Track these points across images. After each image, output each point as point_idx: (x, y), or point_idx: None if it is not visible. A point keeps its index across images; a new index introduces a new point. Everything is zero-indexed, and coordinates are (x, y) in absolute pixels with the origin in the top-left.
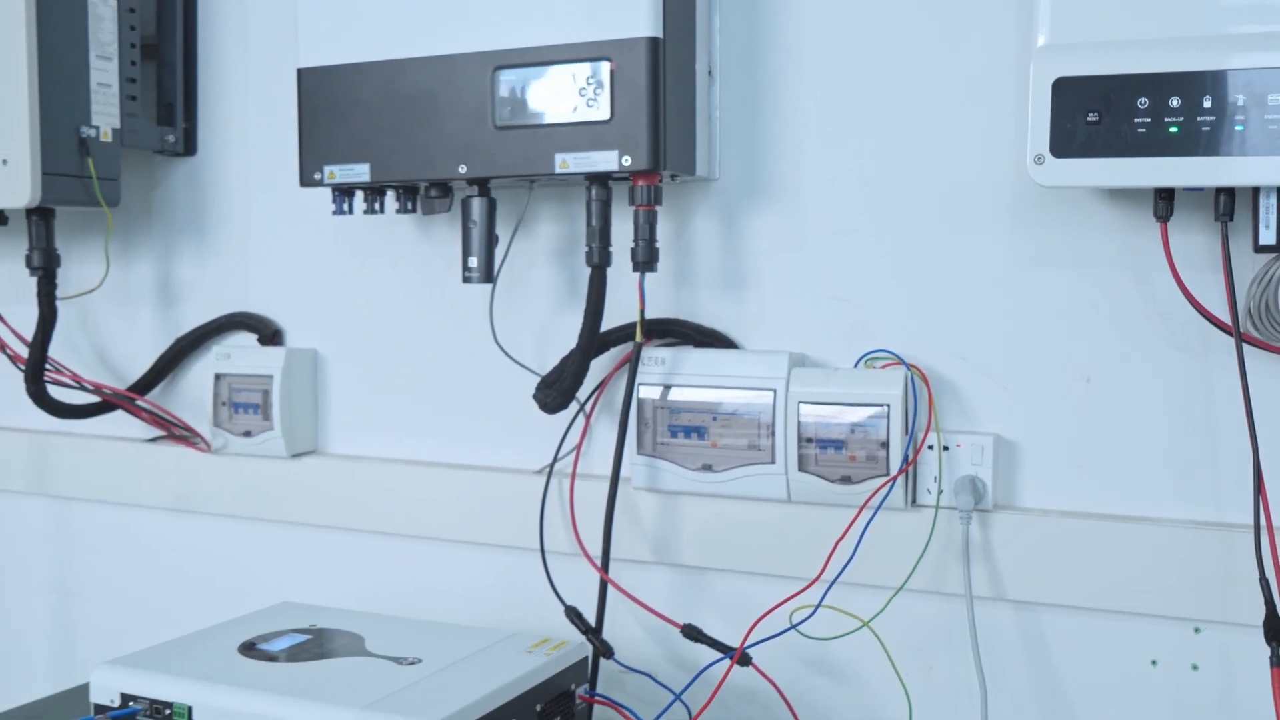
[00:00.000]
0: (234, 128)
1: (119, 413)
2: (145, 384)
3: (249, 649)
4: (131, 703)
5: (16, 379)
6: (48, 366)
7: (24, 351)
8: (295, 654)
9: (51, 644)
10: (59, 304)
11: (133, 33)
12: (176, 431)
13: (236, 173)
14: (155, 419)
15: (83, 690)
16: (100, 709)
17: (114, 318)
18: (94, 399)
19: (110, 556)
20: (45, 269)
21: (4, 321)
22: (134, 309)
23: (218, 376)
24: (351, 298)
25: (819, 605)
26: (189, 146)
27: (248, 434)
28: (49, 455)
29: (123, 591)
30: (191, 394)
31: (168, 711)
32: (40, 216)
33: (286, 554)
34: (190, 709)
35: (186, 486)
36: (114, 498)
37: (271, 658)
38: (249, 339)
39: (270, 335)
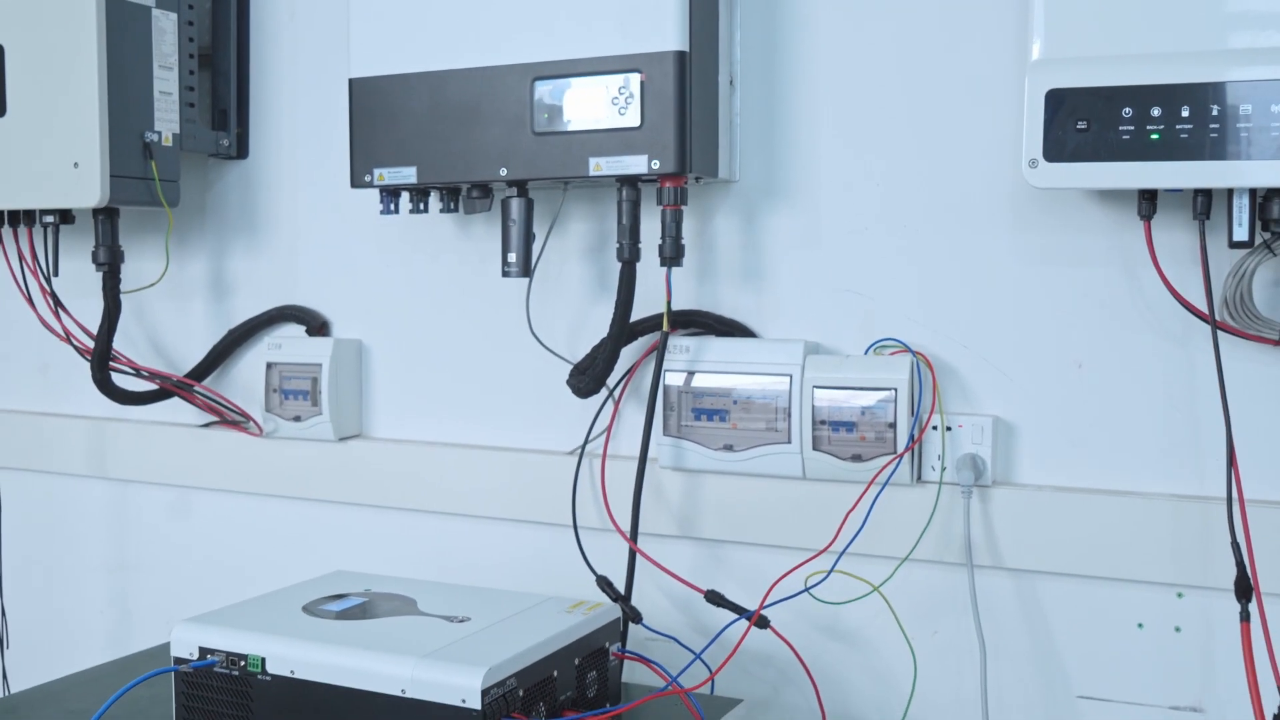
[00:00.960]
0: (283, 132)
1: (174, 400)
2: (199, 373)
3: (311, 609)
4: (209, 655)
5: (76, 370)
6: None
7: (87, 342)
8: (354, 613)
9: (107, 618)
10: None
11: (190, 44)
12: (229, 417)
13: (285, 174)
14: (209, 405)
15: (153, 652)
16: (180, 661)
17: (168, 311)
18: (152, 386)
19: (165, 535)
20: (110, 265)
21: (69, 314)
22: (187, 302)
23: (269, 365)
24: (394, 291)
25: (831, 570)
26: (241, 150)
27: (297, 419)
28: (107, 440)
29: (177, 568)
30: (243, 382)
31: (243, 662)
32: (106, 216)
33: (334, 531)
34: (264, 659)
35: (239, 468)
36: (169, 479)
37: (333, 616)
38: (297, 330)
39: (318, 327)
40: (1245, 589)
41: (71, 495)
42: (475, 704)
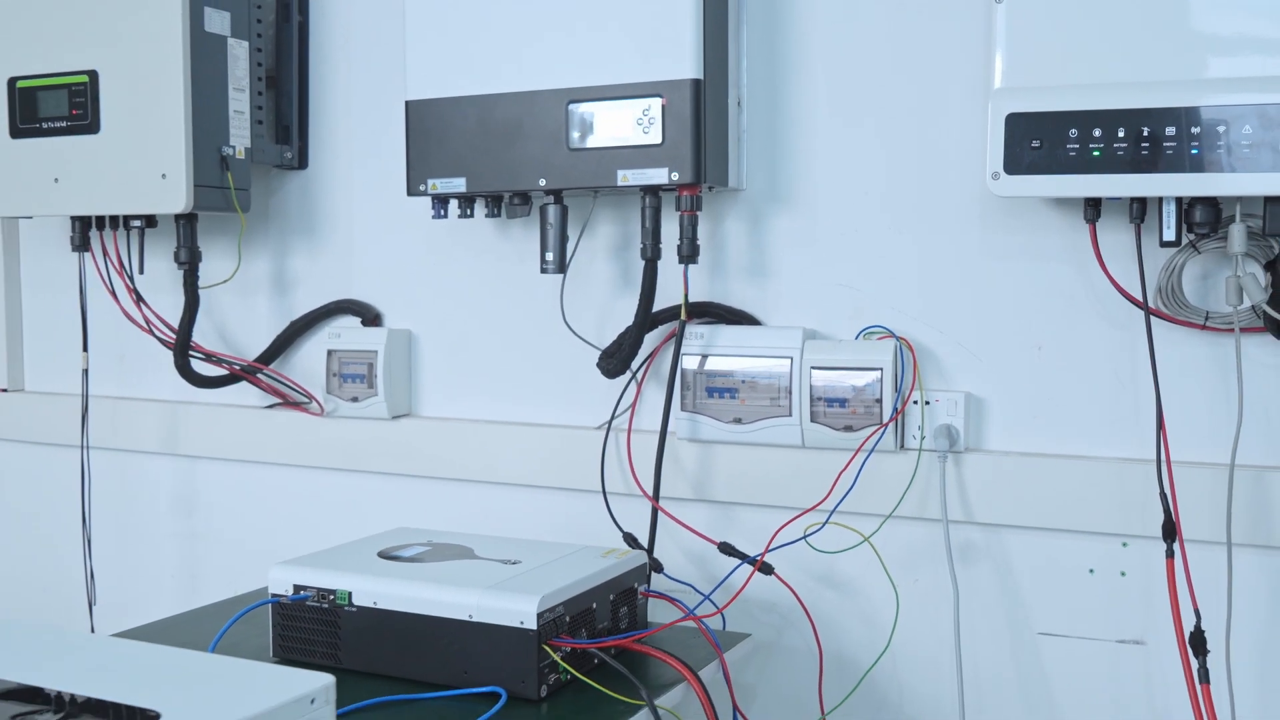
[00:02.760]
0: (339, 145)
1: (240, 385)
2: (264, 359)
3: (386, 554)
4: (302, 591)
5: (149, 358)
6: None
7: (165, 333)
8: (422, 557)
9: (178, 581)
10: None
11: (259, 68)
12: (293, 398)
13: (341, 183)
14: (273, 388)
15: (236, 599)
16: (278, 597)
17: (235, 305)
18: (222, 372)
19: (231, 506)
20: (190, 264)
21: (150, 307)
22: (252, 297)
23: (330, 352)
24: (440, 286)
25: (826, 522)
26: (302, 161)
27: (355, 400)
28: (178, 421)
29: (242, 536)
30: (303, 367)
31: (332, 596)
32: (187, 220)
33: (388, 499)
34: (350, 593)
35: (301, 444)
36: (236, 456)
37: (405, 559)
38: (353, 321)
39: (371, 318)
40: (1170, 532)
41: (146, 471)
42: (531, 625)
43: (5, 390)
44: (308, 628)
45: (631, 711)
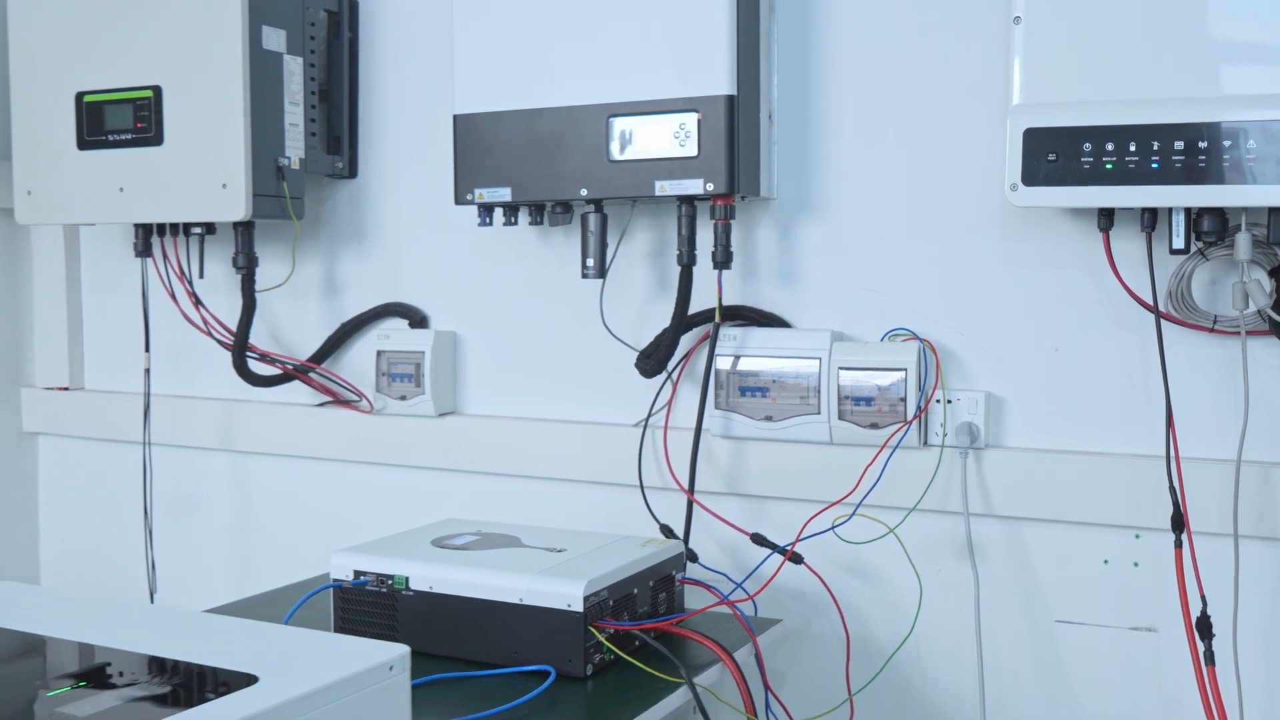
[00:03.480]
0: (387, 155)
1: (293, 384)
2: (315, 360)
3: (439, 542)
4: (362, 576)
5: (203, 358)
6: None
7: (222, 334)
8: (473, 545)
9: (230, 573)
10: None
11: (312, 83)
12: (343, 396)
13: (389, 191)
14: (324, 387)
15: (294, 586)
16: (339, 581)
17: (286, 308)
18: (276, 371)
19: (283, 500)
20: (248, 268)
21: (208, 310)
22: (303, 300)
23: (379, 353)
24: (484, 290)
25: (853, 514)
26: (351, 171)
27: (403, 398)
28: (233, 418)
29: (294, 528)
30: (353, 367)
31: (390, 581)
32: (245, 227)
33: (434, 493)
34: (407, 578)
35: (351, 441)
36: (288, 451)
37: (457, 547)
38: (401, 323)
39: (418, 320)
40: (1179, 524)
41: (202, 466)
42: (579, 608)
43: (66, 389)
44: (367, 610)
45: (671, 689)
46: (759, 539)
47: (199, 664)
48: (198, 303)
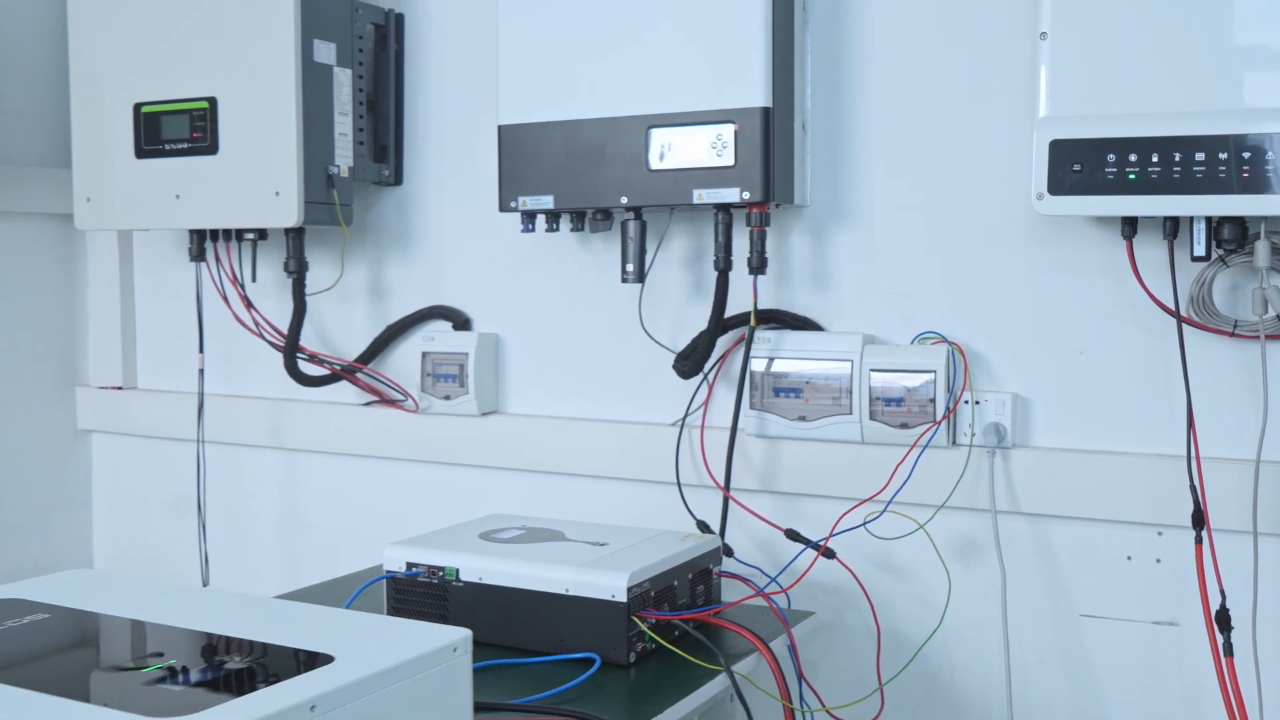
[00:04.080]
0: (431, 164)
1: (340, 384)
2: (362, 360)
3: (486, 536)
4: (414, 568)
5: (252, 359)
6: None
7: (272, 336)
8: (519, 539)
9: (278, 567)
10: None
11: (360, 94)
12: (389, 396)
13: (433, 198)
14: (370, 387)
15: (342, 579)
16: (392, 573)
17: (333, 311)
18: (325, 372)
19: (330, 496)
20: (298, 273)
21: (258, 312)
22: (350, 304)
23: (424, 354)
24: (525, 294)
25: (884, 510)
26: (397, 178)
27: (447, 398)
28: (281, 417)
29: (340, 523)
30: (397, 368)
31: (441, 573)
32: (296, 233)
33: (477, 490)
34: (458, 570)
35: (397, 439)
36: (335, 449)
37: (504, 540)
38: (445, 326)
39: (462, 323)
40: (1199, 521)
41: (251, 463)
42: (622, 598)
43: (119, 388)
44: (419, 600)
45: (710, 676)
46: (793, 534)
47: (278, 644)
48: (249, 305)
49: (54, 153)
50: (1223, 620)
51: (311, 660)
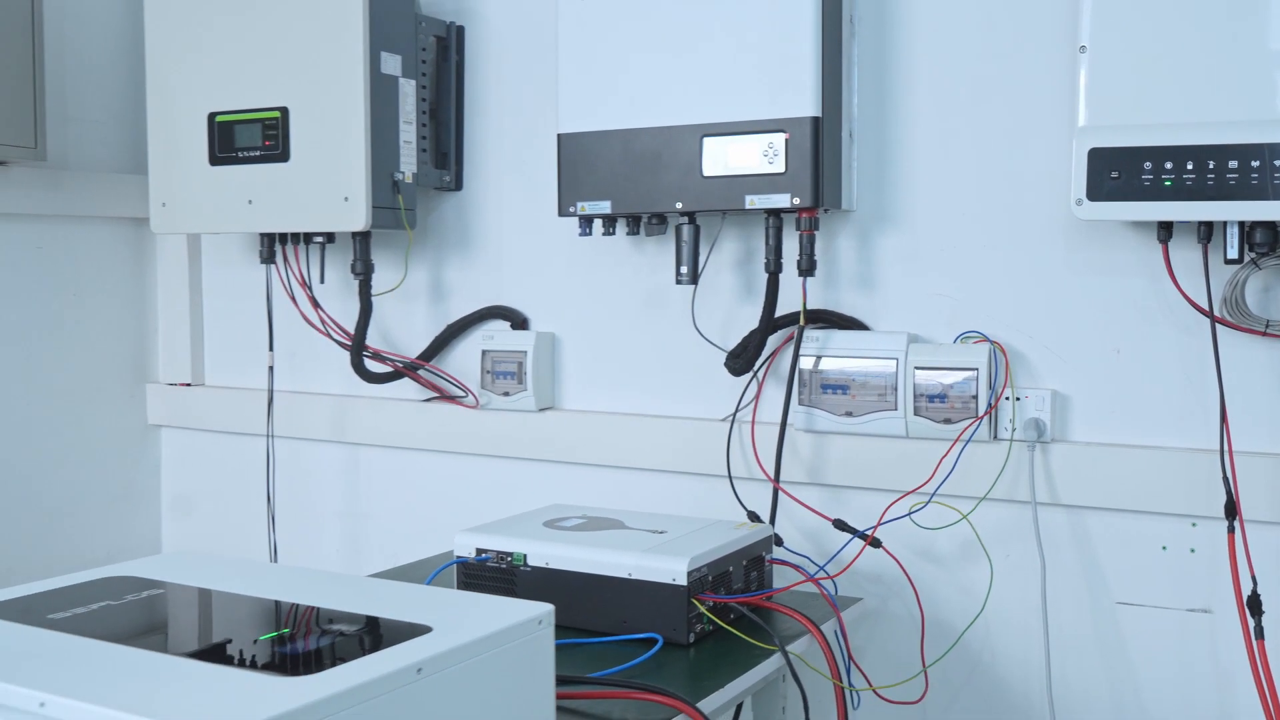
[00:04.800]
0: (490, 170)
1: (402, 381)
2: (424, 358)
3: (550, 524)
4: (483, 553)
5: (317, 356)
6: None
7: (338, 336)
8: (582, 527)
9: (341, 555)
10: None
11: (423, 103)
12: (450, 393)
13: (492, 203)
14: (431, 383)
15: (405, 568)
16: (463, 558)
17: (395, 311)
18: (388, 369)
19: (391, 488)
20: (365, 274)
21: (325, 312)
22: (411, 304)
23: (484, 352)
24: (581, 294)
25: (929, 501)
26: (458, 183)
27: (506, 394)
28: (345, 412)
29: (402, 514)
30: (457, 365)
31: (509, 558)
32: (363, 237)
33: (535, 482)
34: (525, 555)
35: (457, 433)
36: (397, 443)
37: (568, 528)
38: (503, 325)
39: (519, 322)
40: (1231, 511)
41: (316, 456)
42: (682, 582)
43: (188, 384)
44: (488, 584)
45: (765, 656)
46: (841, 524)
47: (380, 616)
48: (316, 305)
49: (125, 159)
50: (1254, 605)
51: (411, 630)
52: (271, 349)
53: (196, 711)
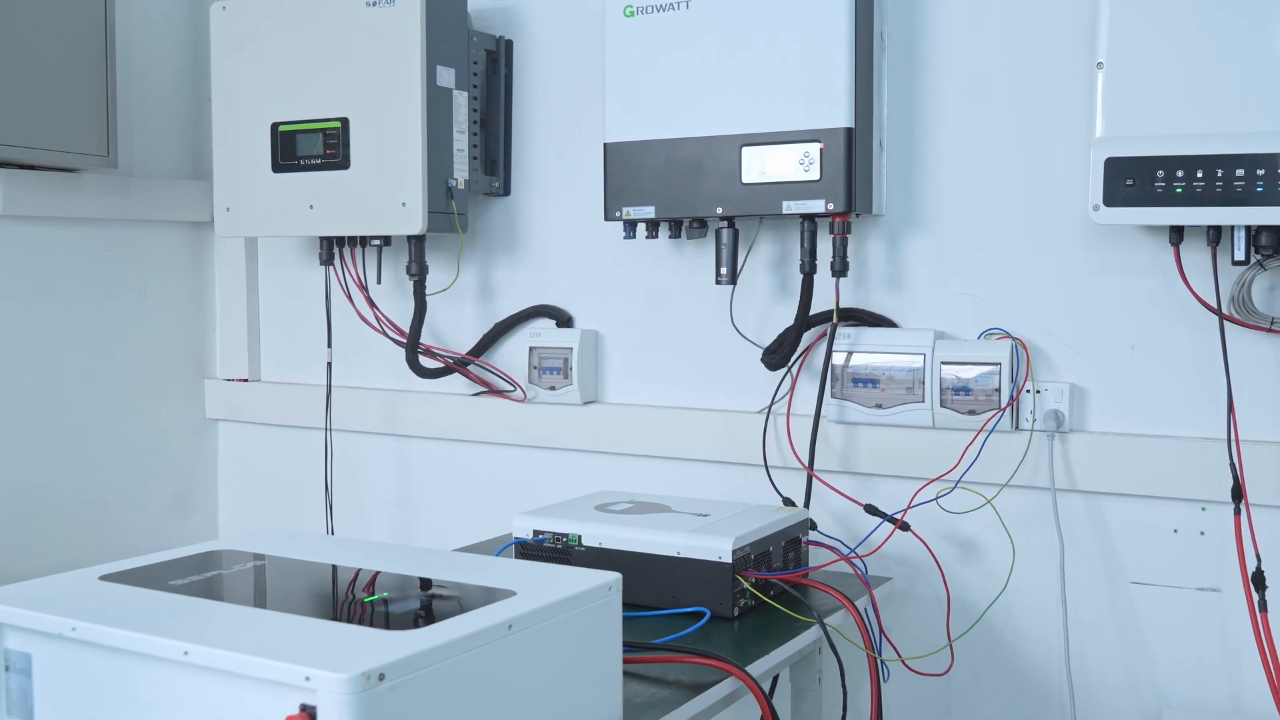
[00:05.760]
0: (536, 176)
1: (452, 376)
2: (473, 354)
3: (602, 508)
4: (540, 534)
5: (369, 352)
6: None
7: (391, 334)
8: (631, 510)
9: (394, 541)
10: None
11: (474, 113)
12: (498, 387)
13: (538, 208)
14: (480, 379)
15: (474, 548)
16: (521, 539)
17: (445, 309)
18: (440, 365)
19: (440, 478)
20: (419, 276)
21: (380, 310)
22: (461, 303)
23: (531, 349)
24: (623, 294)
25: (955, 487)
26: (506, 189)
27: (552, 388)
28: (396, 406)
29: (450, 502)
30: (504, 361)
31: (565, 539)
32: (417, 240)
33: (580, 471)
34: (580, 536)
35: (505, 426)
36: (447, 435)
37: (618, 511)
38: (549, 323)
39: (565, 320)
40: (1237, 494)
41: (367, 448)
42: (728, 559)
43: (245, 380)
44: (545, 563)
45: (804, 628)
46: (872, 509)
47: (468, 583)
48: (372, 304)
49: (185, 166)
50: (1258, 581)
51: (499, 594)
52: (330, 345)
53: (327, 658)
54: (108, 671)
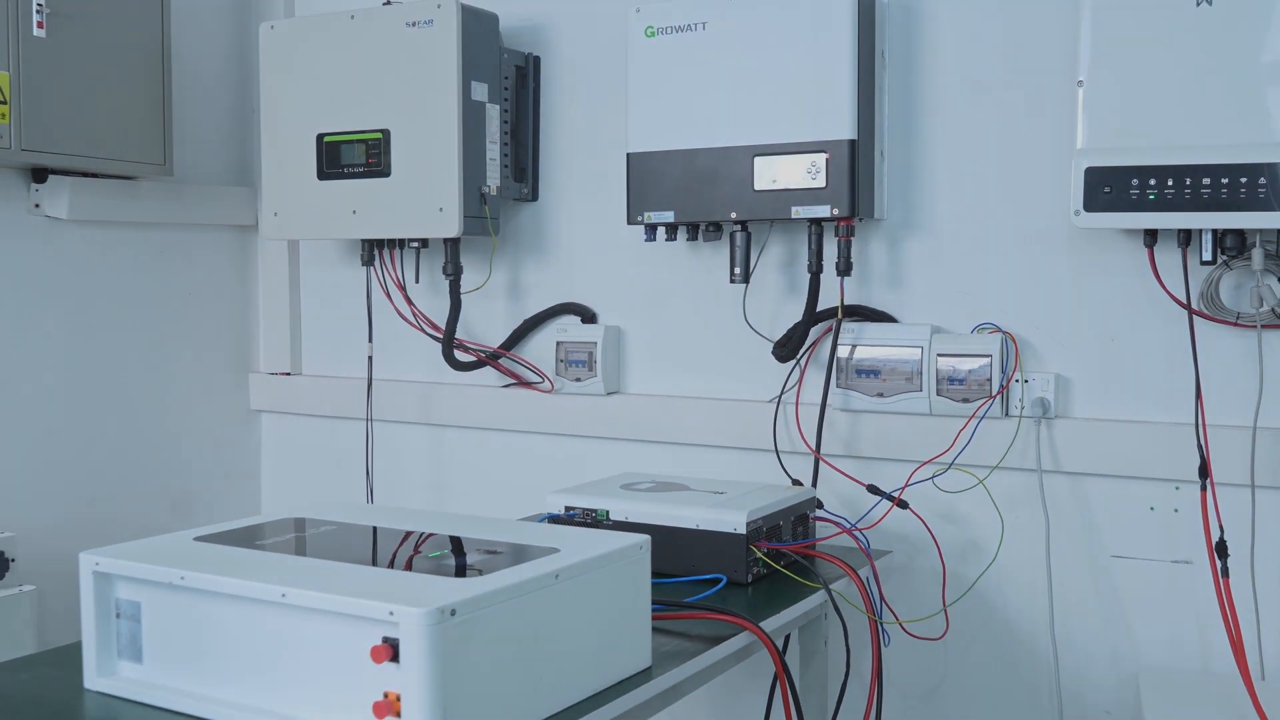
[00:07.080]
0: (562, 182)
1: (484, 369)
2: (504, 348)
3: (627, 487)
4: (571, 510)
5: (403, 347)
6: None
7: (428, 330)
8: (653, 489)
9: None
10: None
11: (505, 124)
12: (527, 379)
13: (564, 212)
14: (510, 371)
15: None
16: (554, 515)
17: (476, 306)
18: (473, 359)
19: (472, 464)
20: (455, 275)
21: (417, 308)
22: (491, 301)
23: (558, 343)
24: (643, 293)
25: (949, 468)
26: (534, 195)
27: (578, 380)
28: (430, 397)
29: (483, 486)
30: (532, 355)
31: (594, 514)
32: (453, 242)
33: (604, 456)
34: (608, 511)
35: (533, 415)
36: (479, 424)
37: (642, 490)
38: (574, 320)
39: (589, 317)
40: (1204, 472)
41: (403, 437)
42: (742, 531)
43: (287, 374)
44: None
45: (811, 592)
46: (873, 489)
47: (515, 542)
48: (410, 302)
49: (231, 172)
50: (1221, 549)
51: (544, 551)
52: (371, 340)
53: (408, 596)
54: (211, 615)
